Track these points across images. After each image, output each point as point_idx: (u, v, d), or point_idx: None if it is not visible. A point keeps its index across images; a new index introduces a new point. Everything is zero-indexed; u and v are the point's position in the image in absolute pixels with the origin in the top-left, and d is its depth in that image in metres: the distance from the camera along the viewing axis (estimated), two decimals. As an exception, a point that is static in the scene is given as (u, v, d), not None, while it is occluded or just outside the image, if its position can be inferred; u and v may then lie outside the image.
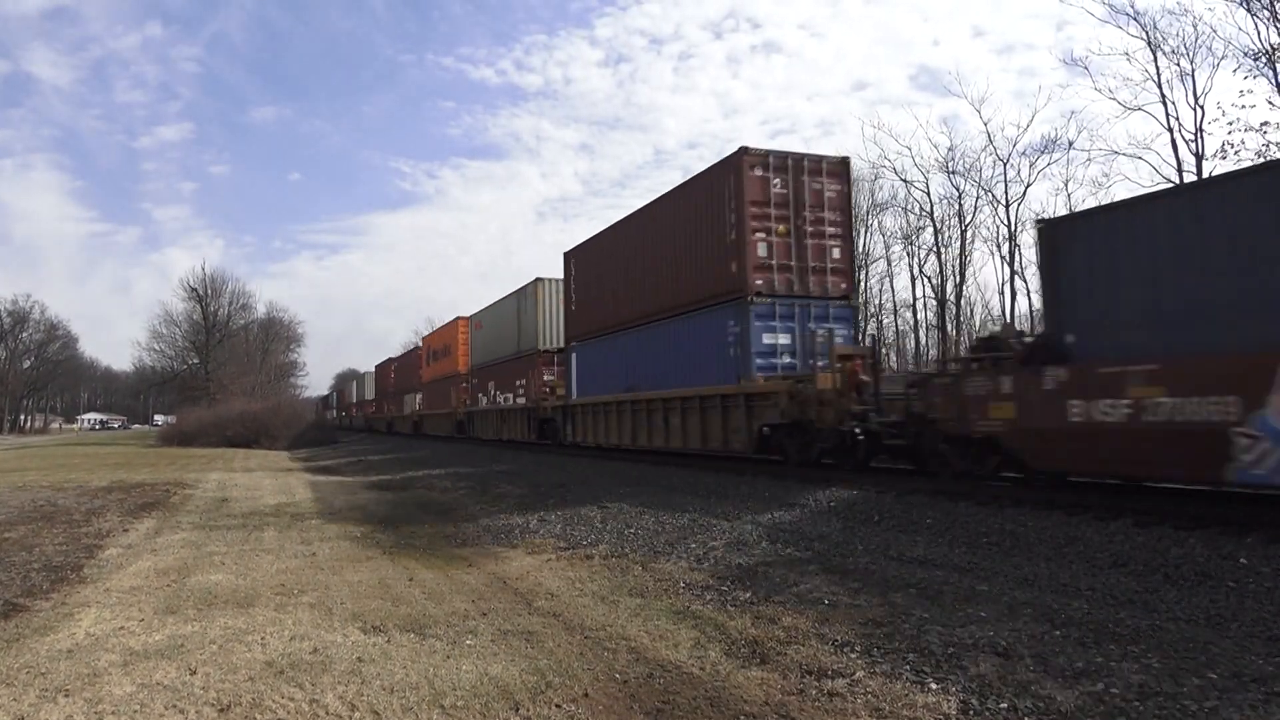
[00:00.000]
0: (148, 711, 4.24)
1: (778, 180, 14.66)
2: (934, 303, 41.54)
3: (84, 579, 7.75)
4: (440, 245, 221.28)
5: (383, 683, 4.63)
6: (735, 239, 14.48)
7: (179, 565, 8.38)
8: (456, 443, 33.89)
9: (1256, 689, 4.00)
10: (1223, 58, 34.79)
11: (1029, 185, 42.19)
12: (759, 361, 14.09)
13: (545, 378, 24.78)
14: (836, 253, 14.99)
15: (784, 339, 14.34)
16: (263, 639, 5.55)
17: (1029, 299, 43.14)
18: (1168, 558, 6.62)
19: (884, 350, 42.37)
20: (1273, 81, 27.67)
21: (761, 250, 14.33)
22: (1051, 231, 9.33)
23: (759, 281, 14.20)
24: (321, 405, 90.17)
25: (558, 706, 4.25)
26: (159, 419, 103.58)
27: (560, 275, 24.05)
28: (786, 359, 14.27)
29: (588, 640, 5.49)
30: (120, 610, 6.46)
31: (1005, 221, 39.77)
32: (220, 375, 68.86)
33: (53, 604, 6.75)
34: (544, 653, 5.20)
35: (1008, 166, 40.27)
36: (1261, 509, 7.56)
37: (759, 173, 14.53)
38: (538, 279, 26.41)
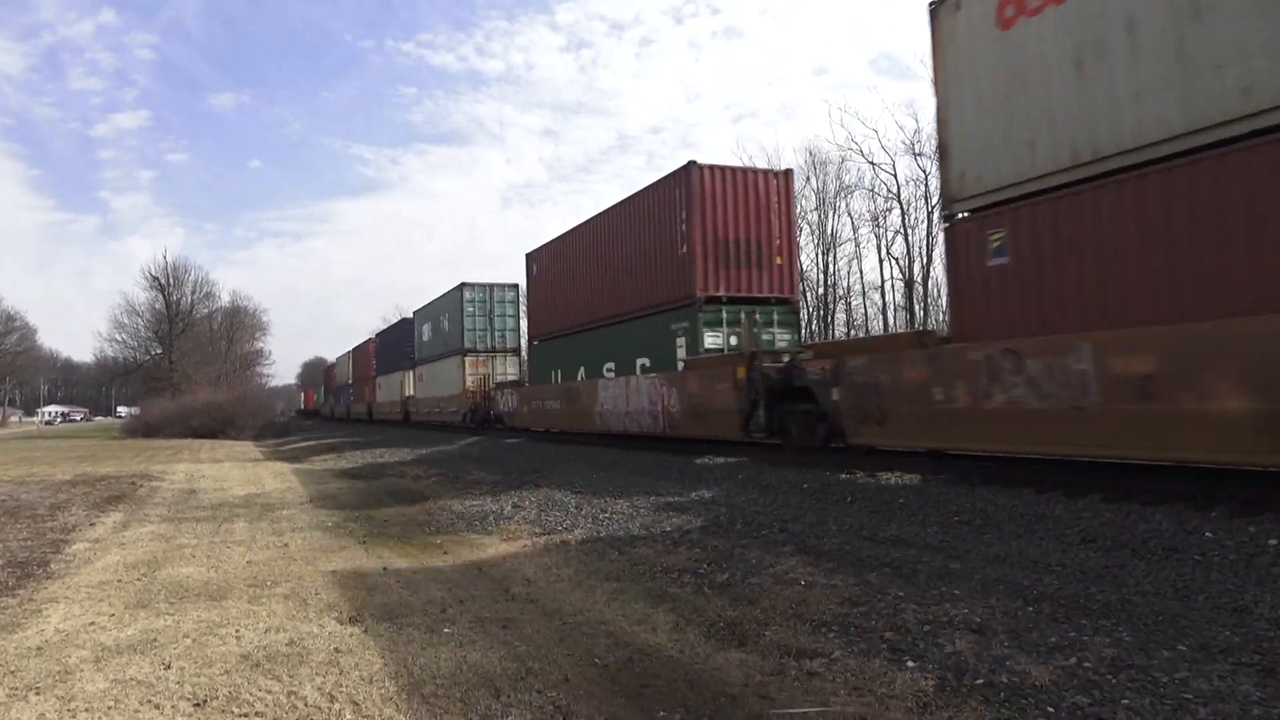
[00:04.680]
0: (122, 707, 4.17)
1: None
2: (901, 284, 41.95)
3: (51, 574, 7.61)
4: (405, 232, 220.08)
5: (361, 673, 4.59)
6: None
7: (148, 559, 8.26)
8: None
9: (1224, 659, 4.09)
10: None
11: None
12: None
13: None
14: None
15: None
16: (237, 632, 5.49)
17: (995, 280, 43.59)
18: (1135, 533, 6.75)
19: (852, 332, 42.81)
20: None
21: None
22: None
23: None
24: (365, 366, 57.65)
25: (538, 692, 4.24)
26: (122, 410, 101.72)
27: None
28: None
29: (566, 625, 5.49)
30: (90, 605, 6.35)
31: (971, 203, 40.09)
32: (184, 365, 67.99)
33: (19, 600, 6.62)
34: (522, 639, 5.19)
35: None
36: (1223, 484, 7.71)
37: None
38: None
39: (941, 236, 11.32)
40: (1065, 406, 8.20)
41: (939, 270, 37.47)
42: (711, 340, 15.96)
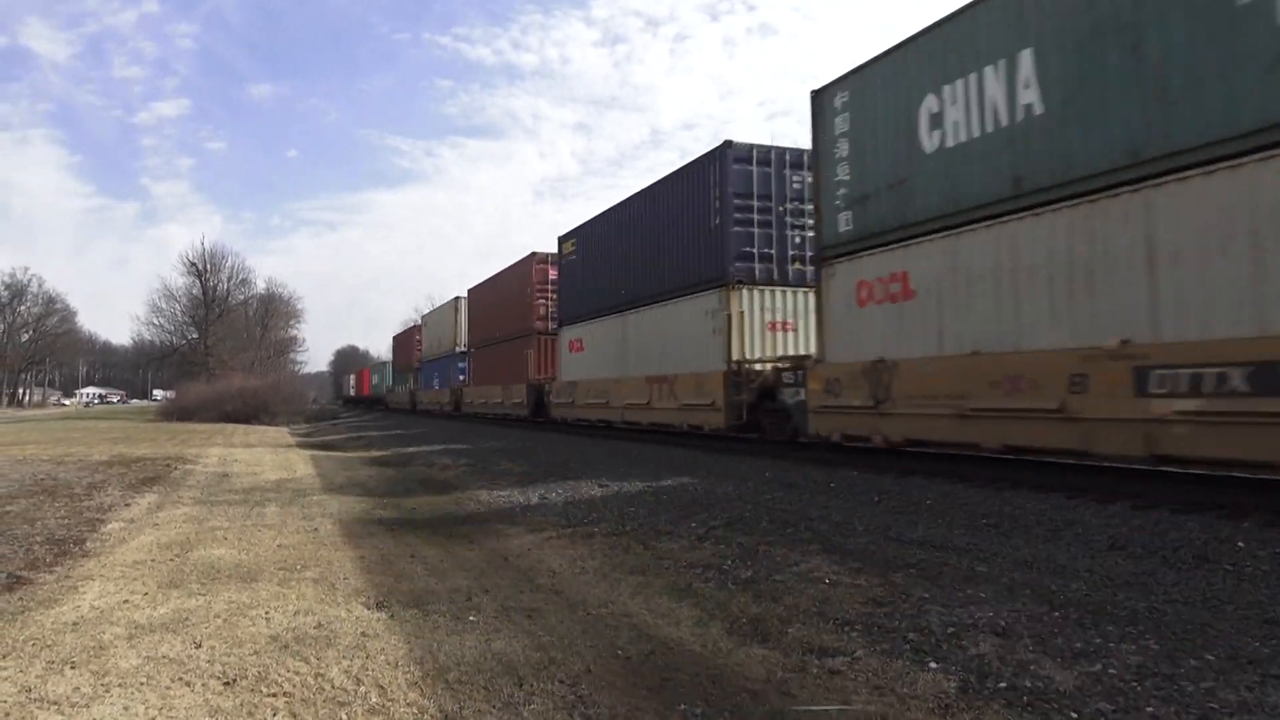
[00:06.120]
0: (154, 683, 4.27)
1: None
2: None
3: (87, 552, 7.78)
4: (438, 223, 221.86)
5: (387, 657, 4.67)
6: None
7: (181, 540, 8.42)
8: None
9: (1253, 670, 4.04)
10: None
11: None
12: None
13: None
14: None
15: None
16: (267, 614, 5.59)
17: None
18: (1165, 541, 6.66)
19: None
20: None
21: None
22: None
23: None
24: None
25: (561, 682, 4.28)
26: (158, 394, 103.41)
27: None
28: None
29: (589, 617, 5.53)
30: (124, 584, 6.49)
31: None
32: (220, 350, 68.97)
33: (56, 577, 6.78)
34: (546, 629, 5.24)
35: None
36: (1258, 494, 7.59)
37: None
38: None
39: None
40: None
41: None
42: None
